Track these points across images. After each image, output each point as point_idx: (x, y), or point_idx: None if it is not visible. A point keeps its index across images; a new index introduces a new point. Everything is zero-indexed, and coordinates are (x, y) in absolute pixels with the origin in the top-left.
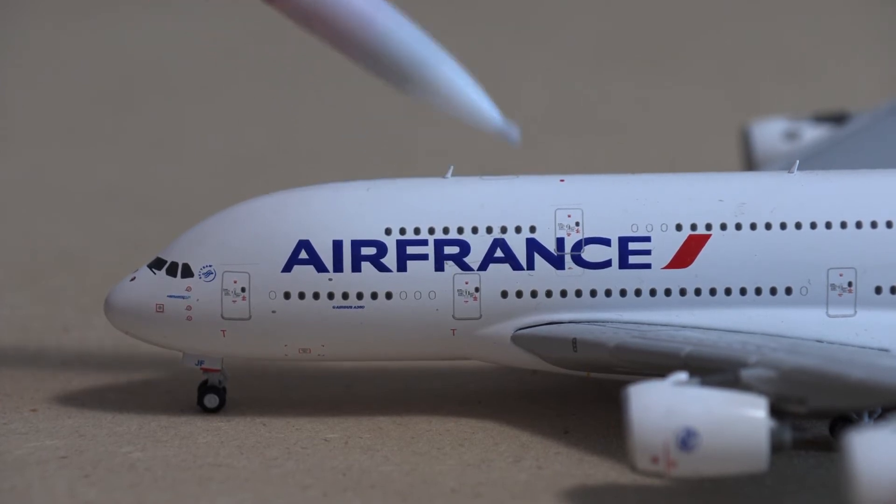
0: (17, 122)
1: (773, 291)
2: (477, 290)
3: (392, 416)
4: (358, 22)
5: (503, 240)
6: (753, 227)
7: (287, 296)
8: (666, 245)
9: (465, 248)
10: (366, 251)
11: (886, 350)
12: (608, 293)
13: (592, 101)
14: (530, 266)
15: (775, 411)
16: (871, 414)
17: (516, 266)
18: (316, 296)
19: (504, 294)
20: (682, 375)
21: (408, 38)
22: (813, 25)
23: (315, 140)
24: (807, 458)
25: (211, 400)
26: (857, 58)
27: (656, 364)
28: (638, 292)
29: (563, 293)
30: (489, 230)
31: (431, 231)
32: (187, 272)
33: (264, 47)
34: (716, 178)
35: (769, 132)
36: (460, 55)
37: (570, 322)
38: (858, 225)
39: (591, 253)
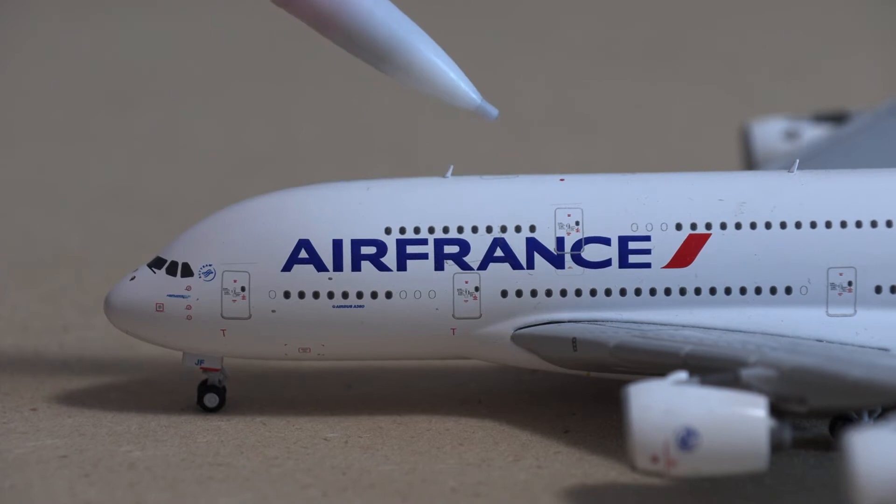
0: (17, 122)
1: (773, 291)
2: (477, 289)
3: (392, 416)
4: (335, 2)
5: (503, 239)
6: (753, 226)
7: (287, 295)
8: (666, 244)
9: (464, 247)
10: (366, 250)
11: (886, 349)
12: (608, 292)
13: (593, 100)
14: (530, 265)
15: (775, 411)
16: (870, 413)
17: (516, 265)
18: (316, 295)
19: (504, 293)
20: (682, 375)
21: (385, 16)
22: (813, 25)
23: (315, 140)
24: (807, 457)
25: (211, 399)
26: (857, 57)
27: (656, 363)
28: (638, 292)
29: (563, 292)
30: (489, 229)
31: (431, 230)
32: (187, 271)
33: (264, 47)
34: (716, 178)
35: (769, 131)
36: (460, 54)
37: (569, 321)
38: (858, 224)
39: (591, 252)
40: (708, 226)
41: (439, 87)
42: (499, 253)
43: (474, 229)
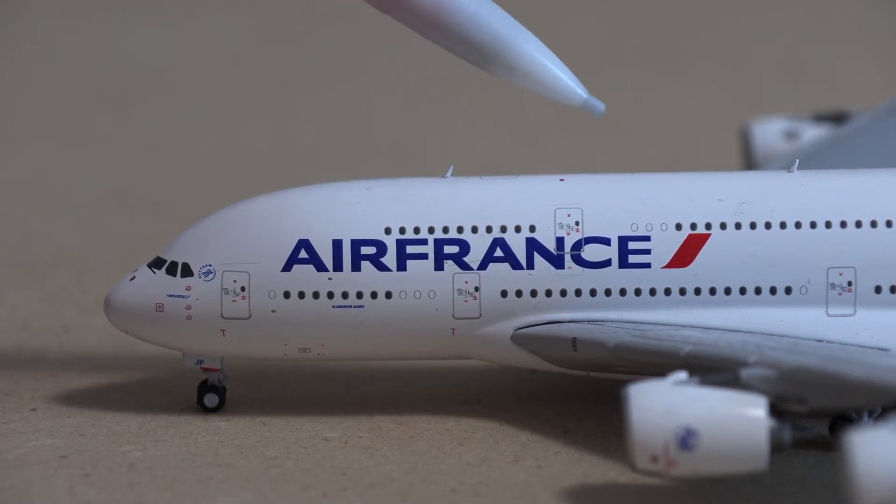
0: (17, 122)
1: (773, 291)
2: (477, 289)
3: (392, 416)
4: (438, 5)
5: (503, 239)
6: (753, 226)
7: (287, 295)
8: (666, 244)
9: (464, 247)
10: (365, 250)
11: (886, 350)
12: (608, 293)
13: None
14: (530, 265)
15: (775, 411)
16: (870, 414)
17: (516, 265)
18: (316, 295)
19: (504, 293)
20: (682, 375)
21: (489, 17)
22: (813, 25)
23: (315, 140)
24: (807, 458)
25: (211, 399)
26: (857, 57)
27: (656, 363)
28: (638, 292)
29: (563, 292)
30: (489, 229)
31: (431, 230)
32: (187, 271)
33: (264, 47)
34: (716, 178)
35: (769, 131)
36: None
37: (569, 321)
38: (858, 224)
39: (591, 252)
40: (708, 226)
41: (545, 85)
42: (499, 253)
43: (474, 229)
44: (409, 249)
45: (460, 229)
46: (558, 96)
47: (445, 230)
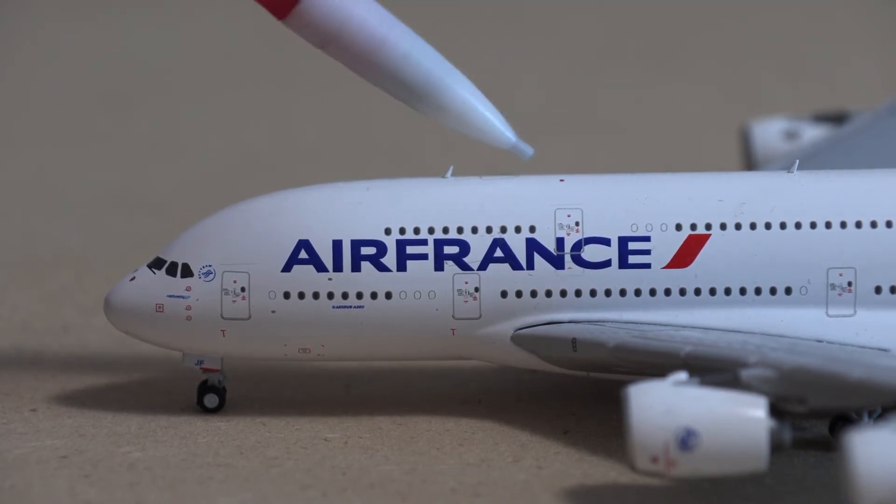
0: (17, 122)
1: (773, 291)
2: (477, 289)
3: (392, 416)
4: (372, 43)
5: (503, 239)
6: (753, 226)
7: (287, 295)
8: (666, 245)
9: (464, 247)
10: (365, 251)
11: (886, 350)
12: (608, 293)
13: (592, 100)
14: (530, 266)
15: (775, 411)
16: (871, 414)
17: (516, 266)
18: (316, 295)
19: (504, 294)
20: (682, 375)
21: (422, 58)
22: (813, 25)
23: (315, 140)
24: (807, 458)
25: (211, 400)
26: (857, 57)
27: (656, 364)
28: (638, 292)
29: (563, 293)
30: (489, 230)
31: (431, 231)
32: (187, 272)
33: (264, 47)
34: (716, 178)
35: (769, 132)
36: (460, 54)
37: (569, 322)
38: (858, 225)
39: (591, 253)
40: (708, 226)
41: (475, 127)
42: (498, 253)
43: (474, 230)
44: (409, 250)
45: (460, 230)
46: (488, 139)
47: (445, 230)
